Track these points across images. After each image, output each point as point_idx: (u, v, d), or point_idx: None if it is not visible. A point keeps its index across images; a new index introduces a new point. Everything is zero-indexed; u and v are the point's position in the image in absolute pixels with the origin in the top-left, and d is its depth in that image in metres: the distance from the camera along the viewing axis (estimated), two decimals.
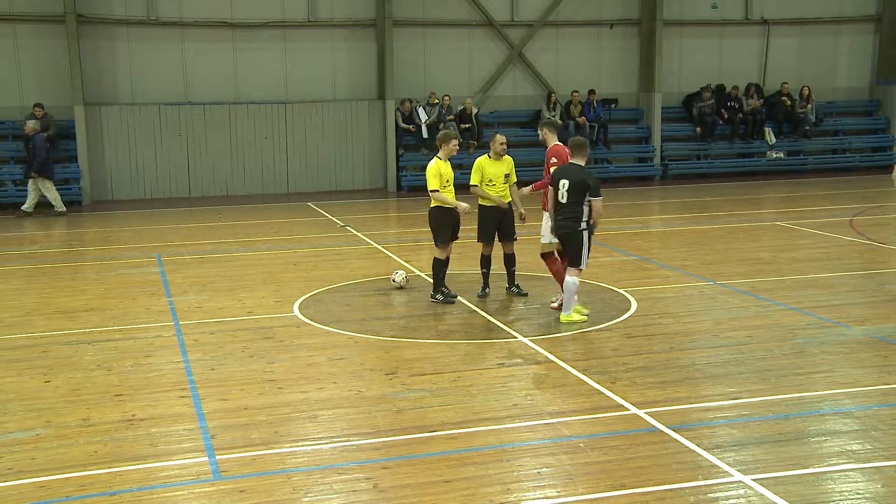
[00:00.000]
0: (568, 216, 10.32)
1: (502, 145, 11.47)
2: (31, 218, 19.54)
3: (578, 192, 10.20)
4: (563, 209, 10.36)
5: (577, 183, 10.21)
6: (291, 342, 10.03)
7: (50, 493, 6.42)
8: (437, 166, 11.20)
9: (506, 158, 11.49)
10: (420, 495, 6.31)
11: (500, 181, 11.41)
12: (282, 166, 22.67)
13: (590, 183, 10.22)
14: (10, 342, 10.26)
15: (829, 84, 26.36)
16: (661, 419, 7.56)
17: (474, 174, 11.39)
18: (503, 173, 11.45)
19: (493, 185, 11.38)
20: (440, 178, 11.18)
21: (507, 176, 11.44)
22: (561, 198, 10.34)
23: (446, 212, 11.37)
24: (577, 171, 10.30)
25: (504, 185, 11.46)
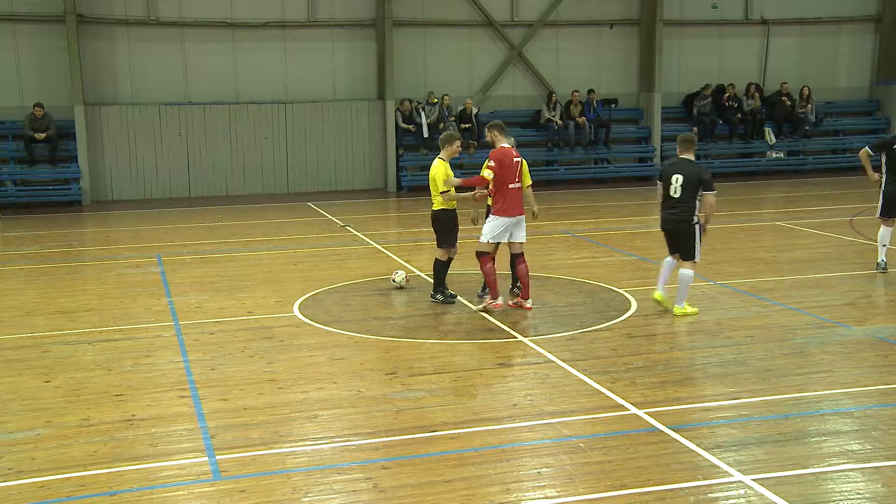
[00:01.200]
0: (681, 210, 10.67)
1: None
2: (31, 218, 19.53)
3: (692, 187, 10.55)
4: (676, 204, 10.68)
5: (691, 177, 10.55)
6: (291, 342, 10.03)
7: (50, 493, 6.42)
8: (442, 167, 11.19)
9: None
10: (420, 495, 6.31)
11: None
12: (282, 166, 22.66)
13: (704, 177, 10.55)
14: (10, 342, 10.26)
15: (829, 84, 26.36)
16: (661, 419, 7.56)
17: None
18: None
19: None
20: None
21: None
22: (674, 192, 10.66)
23: (451, 214, 11.38)
24: (691, 166, 10.68)
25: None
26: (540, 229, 16.95)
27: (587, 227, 17.16)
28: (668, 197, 10.72)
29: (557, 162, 23.92)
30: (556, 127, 23.48)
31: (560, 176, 23.68)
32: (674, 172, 10.69)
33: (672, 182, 10.64)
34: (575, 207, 19.85)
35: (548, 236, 16.28)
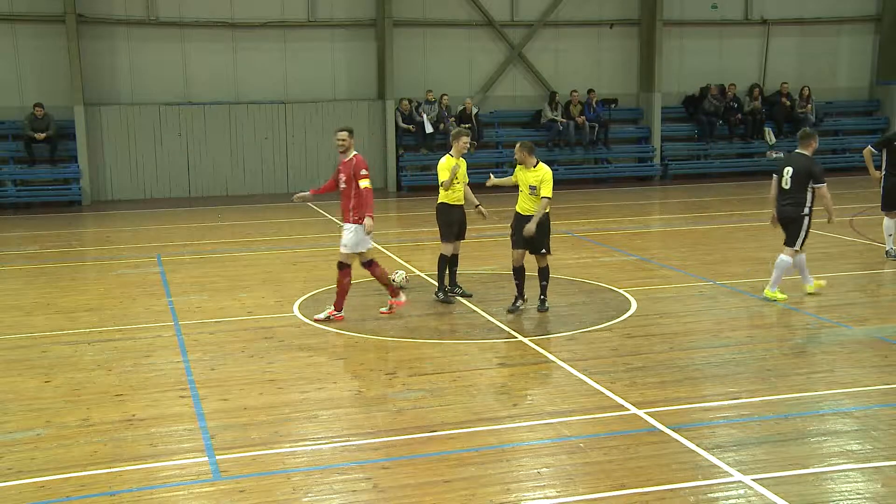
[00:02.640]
0: (792, 202, 11.15)
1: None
2: (31, 218, 19.54)
3: (801, 179, 11.01)
4: (787, 195, 11.14)
5: (801, 170, 11.02)
6: (291, 342, 10.03)
7: (50, 493, 6.42)
8: (448, 162, 11.43)
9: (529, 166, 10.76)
10: (420, 495, 6.31)
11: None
12: (282, 166, 22.66)
13: (814, 170, 11.02)
14: (10, 342, 10.25)
15: (829, 84, 26.36)
16: (661, 419, 7.55)
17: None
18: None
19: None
20: (449, 173, 11.36)
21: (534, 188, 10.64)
22: (785, 184, 11.15)
23: (451, 208, 11.48)
24: (802, 160, 11.13)
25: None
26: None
27: (587, 227, 17.16)
28: (781, 189, 11.25)
29: (557, 162, 23.91)
30: (560, 128, 23.48)
31: (560, 176, 23.54)
32: (786, 165, 11.29)
33: (784, 174, 11.21)
34: (575, 207, 19.84)
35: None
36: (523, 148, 10.70)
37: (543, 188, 10.56)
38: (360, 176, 10.49)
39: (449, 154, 11.53)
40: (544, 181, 10.55)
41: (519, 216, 10.81)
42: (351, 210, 10.58)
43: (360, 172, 10.50)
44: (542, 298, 11.03)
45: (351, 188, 10.54)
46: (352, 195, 10.54)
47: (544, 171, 10.59)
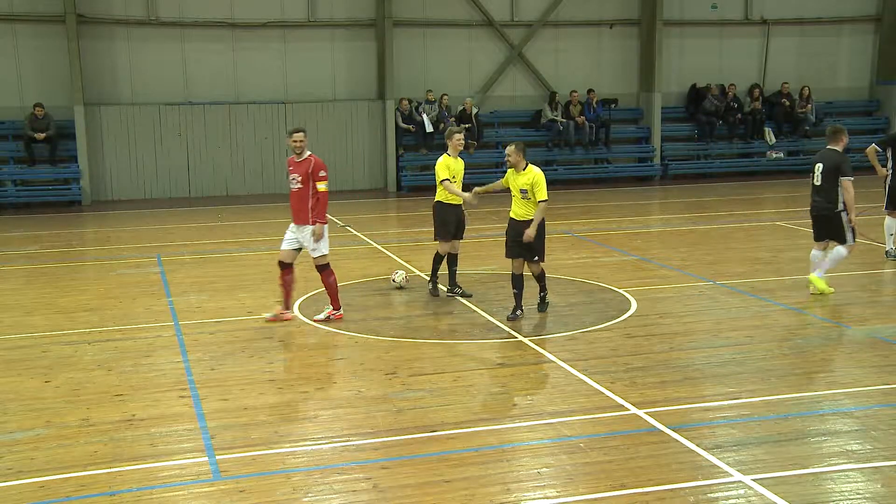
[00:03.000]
0: (823, 198, 11.43)
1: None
2: (31, 218, 19.54)
3: (831, 175, 11.20)
4: (818, 191, 11.48)
5: (831, 166, 11.21)
6: (291, 342, 10.03)
7: (50, 493, 6.42)
8: (444, 161, 11.45)
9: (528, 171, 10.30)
10: (420, 495, 6.31)
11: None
12: (282, 166, 22.61)
13: (841, 165, 11.15)
14: (10, 342, 10.25)
15: (829, 84, 26.36)
16: (661, 419, 7.55)
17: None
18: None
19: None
20: (448, 171, 11.40)
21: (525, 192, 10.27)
22: (816, 180, 11.38)
23: (448, 207, 11.50)
24: (831, 155, 11.31)
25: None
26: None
27: (587, 227, 17.16)
28: (813, 185, 11.45)
29: (557, 162, 23.92)
30: (560, 128, 23.47)
31: (560, 176, 23.66)
32: (816, 161, 11.53)
33: (815, 170, 11.49)
34: (575, 207, 19.84)
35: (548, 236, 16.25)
36: (518, 149, 10.37)
37: (538, 192, 10.22)
38: (320, 178, 10.38)
39: (446, 153, 11.53)
40: (536, 184, 10.21)
41: (513, 222, 10.50)
42: (310, 211, 10.45)
43: (320, 174, 10.39)
44: (542, 296, 10.92)
45: (308, 189, 10.39)
46: (310, 195, 10.40)
47: (535, 174, 10.23)
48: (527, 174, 10.27)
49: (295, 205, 10.55)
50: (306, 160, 10.46)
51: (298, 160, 10.49)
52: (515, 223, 10.46)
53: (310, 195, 10.41)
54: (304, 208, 10.47)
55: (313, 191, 10.39)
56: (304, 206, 10.48)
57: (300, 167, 10.45)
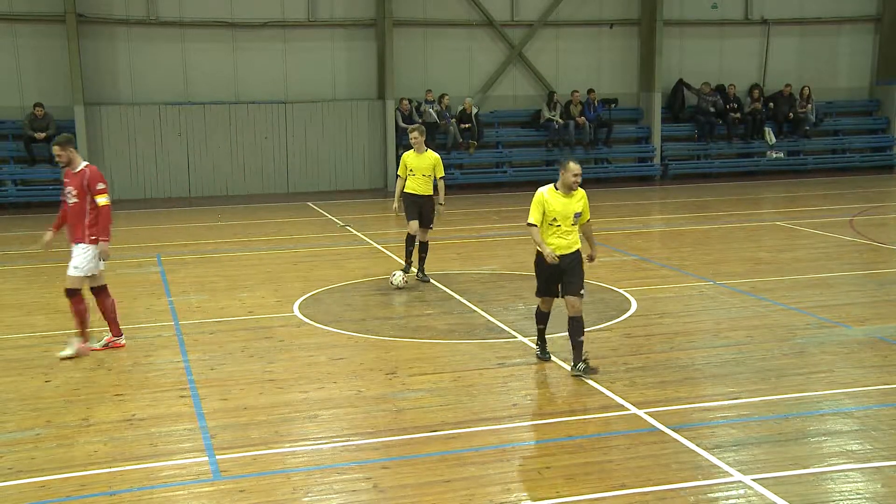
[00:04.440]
0: None
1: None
2: (31, 218, 19.53)
3: None
4: None
5: None
6: (291, 342, 10.03)
7: (50, 493, 6.42)
8: (403, 158, 12.56)
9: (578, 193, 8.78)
10: (420, 495, 6.31)
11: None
12: (282, 166, 22.66)
13: None
14: (10, 342, 10.25)
15: (829, 84, 26.35)
16: (661, 419, 7.55)
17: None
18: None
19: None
20: (405, 167, 12.48)
21: (578, 215, 8.73)
22: None
23: (410, 197, 12.48)
24: None
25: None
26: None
27: None
28: None
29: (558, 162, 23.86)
30: (556, 126, 23.47)
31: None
32: None
33: None
34: None
35: None
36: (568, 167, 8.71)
37: (588, 211, 8.85)
38: (98, 191, 9.37)
39: (411, 149, 12.57)
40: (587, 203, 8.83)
41: (560, 257, 8.65)
42: (87, 228, 9.47)
43: (97, 187, 9.38)
44: (586, 358, 8.74)
45: (85, 203, 9.40)
46: (87, 211, 9.42)
47: (584, 193, 8.78)
48: (579, 195, 8.72)
49: (70, 220, 9.54)
50: (81, 171, 9.42)
51: (72, 171, 9.44)
52: (564, 258, 8.65)
53: (87, 210, 9.42)
54: (80, 224, 9.47)
55: (91, 205, 9.39)
56: (79, 223, 9.47)
57: (75, 179, 9.42)
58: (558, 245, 8.61)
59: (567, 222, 8.63)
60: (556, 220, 8.62)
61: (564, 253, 8.62)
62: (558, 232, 8.64)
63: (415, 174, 12.43)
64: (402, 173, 12.52)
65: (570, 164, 8.63)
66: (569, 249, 8.67)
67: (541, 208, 8.67)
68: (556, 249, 8.57)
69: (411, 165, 12.44)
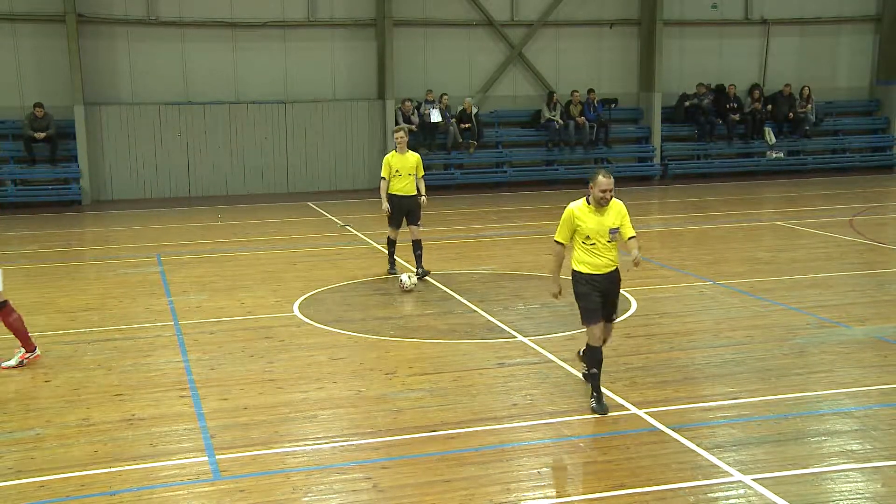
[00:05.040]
0: None
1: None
2: (31, 218, 19.54)
3: None
4: None
5: None
6: (291, 342, 10.03)
7: (50, 493, 6.42)
8: (386, 158, 12.71)
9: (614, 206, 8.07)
10: (420, 495, 6.31)
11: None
12: (282, 166, 22.66)
13: None
14: (10, 342, 10.24)
15: (829, 84, 26.35)
16: (661, 419, 7.55)
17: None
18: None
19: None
20: (389, 168, 12.59)
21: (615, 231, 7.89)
22: None
23: (395, 198, 12.65)
24: None
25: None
26: (540, 229, 16.99)
27: None
28: None
29: (557, 162, 23.91)
30: (556, 126, 23.47)
31: (560, 176, 23.65)
32: None
33: None
34: None
35: (548, 236, 16.24)
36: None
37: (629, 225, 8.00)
38: None
39: (394, 150, 12.75)
40: (626, 216, 8.07)
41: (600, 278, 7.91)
42: None
43: None
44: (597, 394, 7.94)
45: None
46: None
47: (622, 205, 8.16)
48: (615, 210, 8.00)
49: None
50: None
51: None
52: (603, 278, 7.91)
53: None
54: None
55: None
56: None
57: None
58: (595, 264, 7.84)
59: (603, 239, 7.82)
60: (589, 238, 7.83)
61: (602, 272, 7.87)
62: (593, 250, 7.84)
63: (400, 174, 12.61)
64: (387, 174, 12.63)
65: (598, 178, 7.91)
66: (606, 269, 7.89)
67: (570, 225, 7.92)
68: (592, 268, 7.83)
69: (396, 166, 12.60)
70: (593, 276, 7.87)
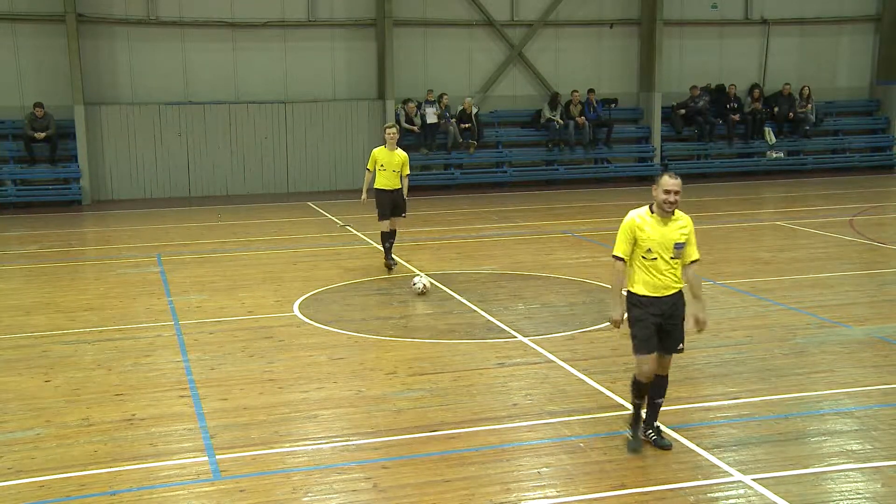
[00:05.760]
0: None
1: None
2: (31, 218, 19.54)
3: None
4: None
5: None
6: (291, 342, 10.03)
7: (50, 493, 6.42)
8: (374, 151, 13.23)
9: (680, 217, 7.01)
10: (420, 495, 6.31)
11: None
12: (282, 166, 22.65)
13: None
14: (10, 342, 10.25)
15: (829, 84, 26.35)
16: (661, 419, 7.54)
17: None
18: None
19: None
20: (375, 162, 13.10)
21: (681, 247, 6.91)
22: None
23: (381, 192, 13.07)
24: None
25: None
26: (540, 229, 16.99)
27: (587, 227, 17.15)
28: None
29: (557, 162, 23.91)
30: (556, 126, 23.47)
31: (560, 176, 23.66)
32: None
33: None
34: (575, 207, 19.84)
35: (548, 236, 16.29)
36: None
37: (694, 244, 7.03)
38: None
39: (382, 145, 13.22)
40: (692, 233, 7.03)
41: (658, 302, 6.88)
42: None
43: None
44: (657, 428, 7.14)
45: None
46: None
47: (690, 220, 7.08)
48: (681, 223, 6.99)
49: None
50: None
51: None
52: (664, 302, 6.90)
53: None
54: None
55: None
56: None
57: None
58: (654, 284, 6.82)
59: (667, 255, 6.80)
60: (650, 252, 6.81)
61: (663, 294, 6.84)
62: (654, 268, 6.82)
63: (385, 169, 13.05)
64: (372, 167, 13.14)
65: (662, 178, 6.89)
66: (668, 290, 6.84)
67: (630, 236, 6.90)
68: (651, 289, 6.82)
69: (382, 161, 13.05)
70: (652, 300, 6.84)
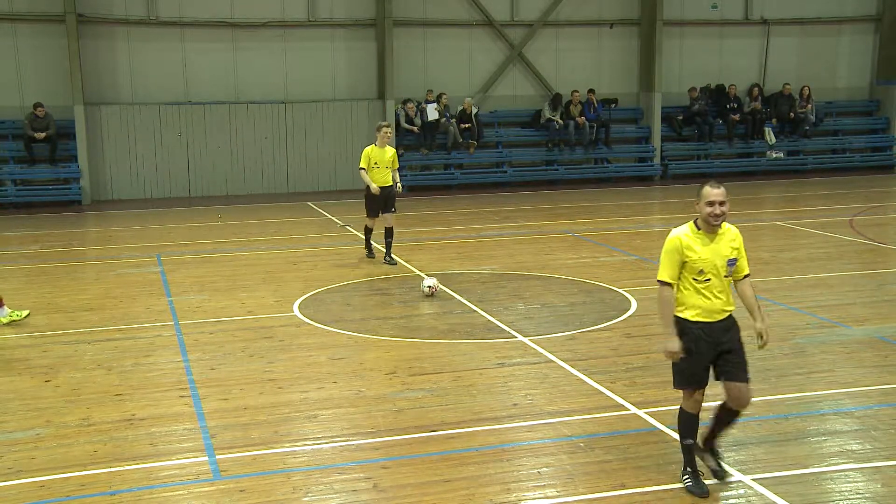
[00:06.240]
0: None
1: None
2: (31, 218, 19.54)
3: None
4: None
5: None
6: (291, 342, 10.03)
7: (50, 493, 6.42)
8: (366, 150, 13.81)
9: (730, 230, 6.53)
10: (420, 495, 6.31)
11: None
12: (282, 166, 22.66)
13: None
14: (10, 342, 10.25)
15: (829, 84, 26.35)
16: (661, 419, 7.55)
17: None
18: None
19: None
20: (369, 160, 13.70)
21: (733, 262, 6.44)
22: None
23: (369, 190, 13.63)
24: None
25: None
26: (540, 229, 16.99)
27: (587, 227, 17.16)
28: None
29: (557, 162, 23.92)
30: (556, 126, 23.47)
31: (560, 176, 23.66)
32: None
33: None
34: (575, 207, 19.84)
35: (548, 236, 16.29)
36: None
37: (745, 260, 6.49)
38: None
39: (374, 143, 13.79)
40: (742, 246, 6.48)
41: (708, 328, 6.36)
42: None
43: None
44: (720, 462, 6.52)
45: None
46: None
47: (739, 233, 6.57)
48: (730, 236, 6.46)
49: None
50: None
51: None
52: (717, 327, 6.36)
53: None
54: None
55: None
56: None
57: None
58: (708, 309, 6.19)
59: (721, 273, 6.20)
60: (703, 273, 6.13)
61: (717, 319, 6.24)
62: (707, 290, 6.16)
63: (379, 166, 13.65)
64: (366, 165, 13.70)
65: (703, 189, 6.23)
66: (722, 314, 6.27)
67: (677, 258, 6.14)
68: (704, 315, 6.20)
69: (375, 158, 13.68)
70: (704, 326, 6.15)
